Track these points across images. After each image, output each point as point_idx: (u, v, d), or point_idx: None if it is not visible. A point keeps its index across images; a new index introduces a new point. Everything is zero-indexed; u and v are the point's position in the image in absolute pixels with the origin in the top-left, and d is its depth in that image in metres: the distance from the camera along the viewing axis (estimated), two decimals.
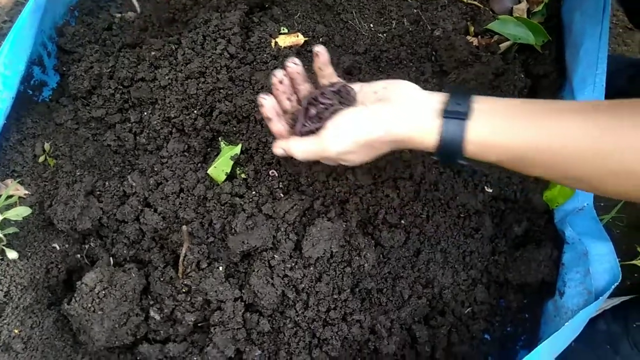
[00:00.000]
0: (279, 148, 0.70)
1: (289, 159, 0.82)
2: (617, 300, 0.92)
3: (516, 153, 0.56)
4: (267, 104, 0.70)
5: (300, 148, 0.67)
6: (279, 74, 0.71)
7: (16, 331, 0.75)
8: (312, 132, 0.68)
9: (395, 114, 0.61)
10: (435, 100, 0.61)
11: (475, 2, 1.06)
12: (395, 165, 0.83)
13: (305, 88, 0.74)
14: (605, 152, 0.51)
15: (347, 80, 0.80)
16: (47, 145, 0.89)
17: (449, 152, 0.59)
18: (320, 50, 0.71)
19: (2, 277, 0.78)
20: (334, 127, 0.64)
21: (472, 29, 1.04)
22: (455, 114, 0.58)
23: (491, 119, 0.57)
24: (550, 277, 0.85)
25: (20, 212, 0.76)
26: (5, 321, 0.76)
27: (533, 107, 0.57)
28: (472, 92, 0.61)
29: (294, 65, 0.72)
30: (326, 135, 0.64)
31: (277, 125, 0.71)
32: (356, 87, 0.71)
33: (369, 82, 0.70)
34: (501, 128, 0.56)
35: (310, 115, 0.69)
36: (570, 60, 0.97)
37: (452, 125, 0.57)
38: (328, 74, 0.73)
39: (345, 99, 0.67)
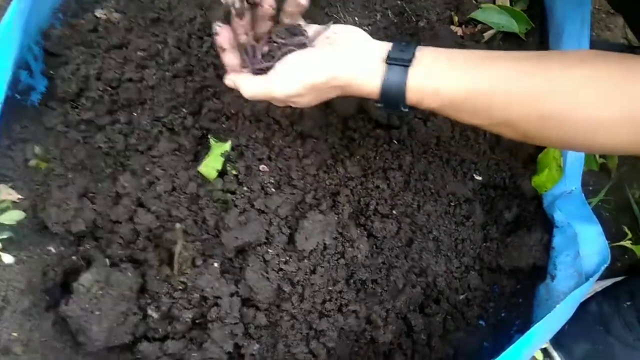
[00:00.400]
0: (230, 81, 0.70)
1: (279, 155, 0.83)
2: (608, 282, 0.94)
3: (453, 99, 0.58)
4: (224, 34, 0.68)
5: (249, 87, 0.66)
6: (239, 4, 0.67)
7: (15, 334, 0.75)
8: (262, 70, 0.67)
9: (342, 58, 0.62)
10: (382, 48, 0.63)
11: None
12: (385, 155, 0.84)
13: (264, 26, 0.72)
14: (535, 95, 0.54)
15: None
16: (37, 149, 0.89)
17: (392, 98, 0.61)
18: None
19: None
20: (282, 68, 0.64)
21: (456, 18, 1.05)
22: (398, 60, 0.59)
23: (431, 66, 0.59)
24: (542, 261, 0.87)
25: (14, 217, 0.76)
26: (4, 325, 0.76)
27: (472, 55, 0.59)
28: (418, 42, 0.62)
29: (265, 6, 0.69)
30: (274, 76, 0.64)
31: (230, 57, 0.70)
32: (311, 28, 0.71)
33: (320, 26, 0.71)
34: (440, 74, 0.58)
35: (262, 53, 0.68)
36: (553, 46, 0.98)
37: (394, 72, 0.59)
38: (290, 13, 0.72)
39: (299, 40, 0.67)
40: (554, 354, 0.90)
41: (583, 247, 0.79)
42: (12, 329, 0.76)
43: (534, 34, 1.02)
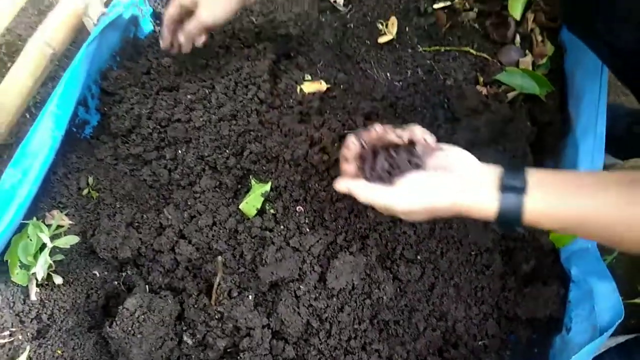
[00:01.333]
0: (344, 186, 0.71)
1: (314, 197, 0.89)
2: (621, 339, 0.97)
3: (566, 223, 0.62)
4: (353, 149, 0.73)
5: (367, 194, 0.68)
6: (380, 129, 0.73)
7: (59, 352, 0.81)
8: (380, 181, 0.71)
9: (460, 185, 0.65)
10: (493, 172, 0.66)
11: (484, 55, 1.15)
12: None
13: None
14: (632, 223, 0.58)
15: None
16: (90, 179, 0.96)
17: (508, 222, 0.64)
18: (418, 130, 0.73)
19: (47, 301, 0.84)
20: (404, 187, 0.67)
21: (481, 79, 1.12)
22: (512, 188, 0.63)
23: (544, 194, 0.63)
24: (558, 313, 0.90)
25: (69, 241, 0.82)
26: (49, 342, 0.81)
27: (581, 181, 0.63)
28: (524, 165, 0.66)
29: (403, 138, 0.73)
30: (396, 192, 0.67)
31: (350, 166, 0.73)
32: (419, 147, 0.73)
33: (437, 147, 0.73)
34: (553, 201, 0.62)
35: (380, 167, 0.72)
36: (572, 110, 1.05)
37: (510, 199, 0.63)
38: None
39: (416, 162, 0.71)
40: None
41: (598, 302, 0.83)
42: (57, 346, 0.82)
43: (554, 97, 1.09)
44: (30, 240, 0.84)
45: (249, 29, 1.14)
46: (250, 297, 0.82)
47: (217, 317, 0.82)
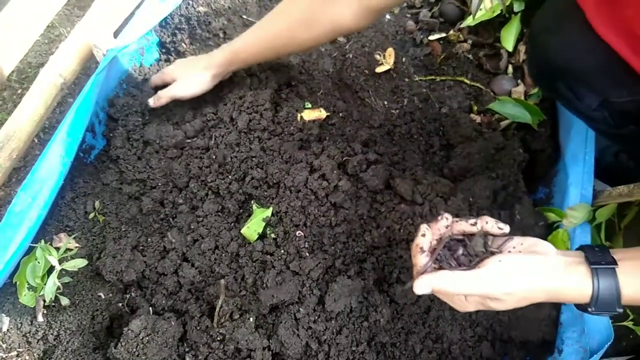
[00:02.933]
0: (426, 285, 0.65)
1: (313, 222, 0.92)
2: None
3: None
4: (428, 237, 0.68)
5: (458, 282, 0.64)
6: (450, 217, 0.70)
7: None
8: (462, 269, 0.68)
9: (549, 267, 0.63)
10: (576, 254, 0.65)
11: (478, 84, 1.20)
12: (408, 228, 0.93)
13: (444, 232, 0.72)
14: None
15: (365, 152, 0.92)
16: (97, 203, 1.00)
17: (606, 301, 0.61)
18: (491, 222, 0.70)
19: (53, 322, 0.87)
20: (500, 266, 0.64)
21: (475, 107, 1.17)
22: (603, 263, 0.62)
23: (637, 267, 0.62)
24: (550, 336, 0.93)
25: (77, 264, 0.85)
26: None
27: None
28: (605, 246, 0.66)
29: (477, 226, 0.69)
30: (492, 274, 0.63)
31: (425, 259, 0.68)
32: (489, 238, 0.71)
33: (501, 237, 0.70)
34: None
35: (455, 257, 0.69)
36: (563, 138, 1.09)
37: (604, 275, 0.61)
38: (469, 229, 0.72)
39: (489, 248, 0.68)
40: None
41: (588, 325, 0.86)
42: None
43: (546, 125, 1.13)
44: (39, 262, 0.87)
45: None
46: (251, 319, 0.85)
47: (219, 338, 0.84)
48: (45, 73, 1.00)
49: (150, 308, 0.91)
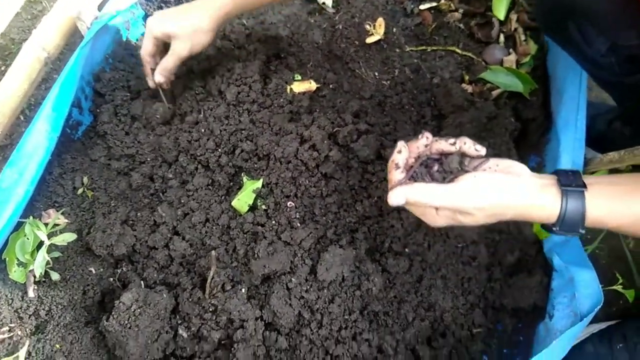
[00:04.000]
0: (401, 196, 0.67)
1: (304, 193, 0.91)
2: (603, 325, 1.00)
3: (633, 220, 0.64)
4: (404, 154, 0.70)
5: (430, 192, 0.66)
6: (429, 137, 0.71)
7: (57, 346, 0.83)
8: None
9: (521, 186, 0.65)
10: (550, 177, 0.67)
11: (469, 54, 1.18)
12: None
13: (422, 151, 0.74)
14: None
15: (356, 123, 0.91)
16: (85, 179, 0.98)
17: (571, 222, 0.64)
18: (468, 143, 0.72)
19: (45, 298, 0.87)
20: (474, 182, 0.66)
21: (466, 77, 1.16)
22: (573, 188, 0.64)
23: (605, 191, 0.64)
24: (541, 302, 0.93)
25: (66, 238, 0.85)
26: (47, 337, 0.84)
27: (630, 181, 0.66)
28: (578, 171, 0.67)
29: (456, 146, 0.71)
30: (465, 188, 0.65)
31: (400, 175, 0.70)
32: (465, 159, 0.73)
33: (477, 159, 0.72)
34: (616, 199, 0.64)
35: (431, 174, 0.71)
36: (555, 105, 1.08)
37: (573, 197, 0.64)
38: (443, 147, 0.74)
39: (464, 167, 0.70)
40: None
41: (579, 290, 0.86)
42: (55, 341, 0.84)
43: (537, 94, 1.13)
44: (28, 238, 0.86)
45: (240, 30, 1.17)
46: (243, 290, 0.85)
47: (211, 310, 0.84)
48: (28, 47, 0.98)
49: (142, 282, 0.90)
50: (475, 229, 0.96)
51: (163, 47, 0.98)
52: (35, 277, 0.85)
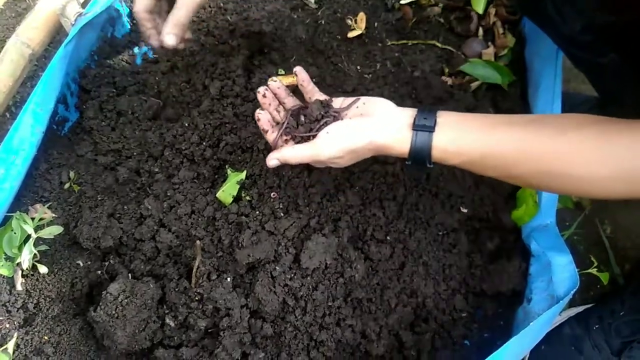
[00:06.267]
0: (273, 159, 0.80)
1: (287, 184, 0.93)
2: (580, 308, 1.03)
3: (471, 158, 0.70)
4: (263, 117, 0.84)
5: (294, 154, 0.78)
6: (261, 89, 0.86)
7: (46, 337, 0.84)
8: (303, 139, 0.81)
9: (376, 126, 0.74)
10: (407, 115, 0.75)
11: (449, 47, 1.21)
12: (381, 187, 0.95)
13: (289, 101, 0.89)
14: (535, 156, 0.65)
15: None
16: (71, 174, 1.00)
17: (419, 158, 0.72)
18: (298, 69, 0.88)
19: (33, 291, 0.88)
20: (325, 136, 0.76)
21: (446, 70, 1.18)
22: (423, 127, 0.72)
23: (451, 131, 0.71)
24: (520, 287, 0.96)
25: (52, 231, 0.86)
26: (36, 329, 0.85)
27: (486, 120, 0.72)
28: (437, 108, 0.75)
29: (273, 82, 0.88)
30: (319, 142, 0.77)
31: (273, 135, 0.83)
32: (339, 100, 0.86)
33: (348, 98, 0.85)
34: (459, 138, 0.70)
35: (300, 124, 0.82)
36: (531, 97, 1.11)
37: (421, 137, 0.71)
38: (310, 90, 0.89)
39: (334, 113, 0.82)
40: None
41: (555, 274, 0.89)
42: (44, 332, 0.85)
43: (516, 85, 1.16)
44: (15, 232, 0.87)
45: (223, 26, 1.19)
46: (228, 279, 0.87)
47: (197, 299, 0.86)
48: (11, 43, 0.99)
49: (129, 273, 0.92)
50: (454, 217, 0.98)
51: (160, 3, 0.88)
52: (22, 270, 0.87)
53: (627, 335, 0.92)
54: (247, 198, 0.93)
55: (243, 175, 0.93)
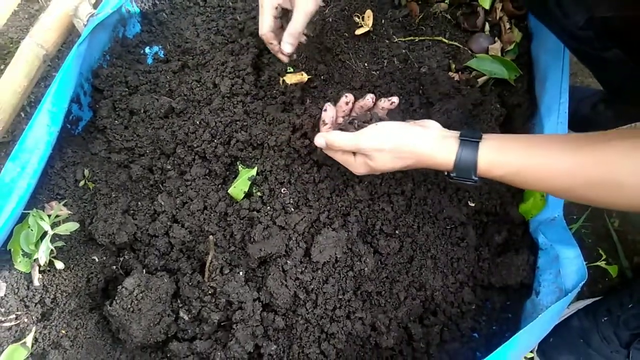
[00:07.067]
0: (322, 138, 0.82)
1: (297, 179, 0.95)
2: (588, 301, 1.04)
3: (517, 170, 0.70)
4: (330, 110, 0.86)
5: (340, 138, 0.79)
6: (350, 96, 0.87)
7: (63, 332, 0.86)
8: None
9: (422, 133, 0.76)
10: (454, 132, 0.77)
11: (456, 43, 1.21)
12: (389, 182, 0.96)
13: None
14: (583, 166, 0.65)
15: None
16: (86, 171, 1.02)
17: (465, 168, 0.72)
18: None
19: (50, 286, 0.90)
20: (375, 127, 0.78)
21: (453, 66, 1.19)
22: (470, 136, 0.73)
23: (496, 142, 0.72)
24: (528, 280, 0.97)
25: (69, 228, 0.88)
26: (53, 324, 0.87)
27: (529, 136, 0.74)
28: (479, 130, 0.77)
29: (367, 99, 0.87)
30: (364, 131, 0.78)
31: (327, 129, 0.86)
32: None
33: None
34: (505, 149, 0.71)
35: (354, 126, 0.86)
36: (538, 91, 1.12)
37: (467, 146, 0.72)
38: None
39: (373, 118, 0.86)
40: None
41: (564, 267, 0.90)
42: (61, 327, 0.87)
43: (522, 80, 1.16)
44: (31, 229, 0.89)
45: (233, 25, 1.20)
46: (241, 273, 0.88)
47: (210, 292, 0.87)
48: (25, 44, 1.01)
49: (144, 269, 0.94)
50: (462, 211, 0.99)
51: (280, 20, 0.96)
52: (40, 266, 0.89)
53: (636, 327, 0.93)
54: (258, 194, 0.95)
55: (254, 171, 0.95)
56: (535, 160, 0.69)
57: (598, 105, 1.17)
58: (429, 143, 0.74)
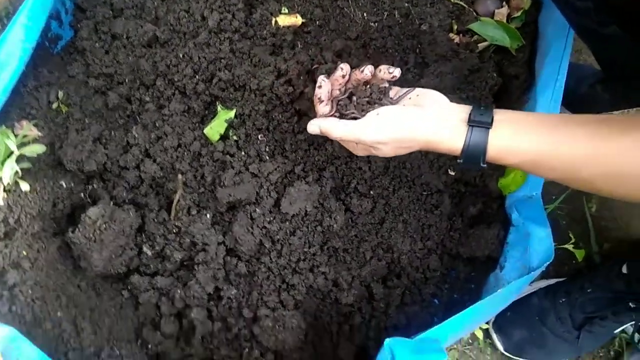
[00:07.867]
0: (316, 126, 0.77)
1: (276, 127, 0.92)
2: (552, 281, 1.05)
3: (532, 158, 0.65)
4: (325, 86, 0.77)
5: (340, 128, 0.73)
6: (346, 68, 0.78)
7: (24, 253, 0.86)
8: (353, 118, 0.76)
9: (427, 119, 0.69)
10: (461, 110, 0.70)
11: (461, 2, 1.16)
12: None
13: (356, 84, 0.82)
14: (601, 156, 0.60)
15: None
16: (60, 94, 0.98)
17: (473, 156, 0.67)
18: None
19: (14, 206, 0.88)
20: (374, 117, 0.71)
21: (455, 27, 1.14)
22: (479, 123, 0.66)
23: (509, 128, 0.66)
24: (495, 254, 0.97)
25: (35, 150, 0.85)
26: (15, 244, 0.86)
27: (543, 119, 0.66)
28: (492, 105, 0.68)
29: (365, 73, 0.77)
30: (368, 122, 0.71)
31: (324, 107, 0.78)
32: (394, 89, 0.80)
33: (404, 88, 0.79)
34: (518, 136, 0.65)
35: (354, 104, 0.77)
36: (538, 64, 1.08)
37: (477, 133, 0.66)
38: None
39: (386, 100, 0.76)
40: (494, 336, 1.02)
41: (532, 245, 0.90)
42: (23, 248, 0.87)
43: (524, 50, 1.11)
44: None
45: None
46: (208, 215, 0.87)
47: (175, 231, 0.87)
48: None
49: (111, 200, 0.92)
50: (440, 179, 0.98)
51: None
52: (4, 185, 0.87)
53: (591, 311, 0.95)
54: (234, 137, 0.92)
55: (232, 113, 0.92)
56: (553, 150, 0.63)
57: (596, 86, 1.14)
58: (435, 130, 0.68)
